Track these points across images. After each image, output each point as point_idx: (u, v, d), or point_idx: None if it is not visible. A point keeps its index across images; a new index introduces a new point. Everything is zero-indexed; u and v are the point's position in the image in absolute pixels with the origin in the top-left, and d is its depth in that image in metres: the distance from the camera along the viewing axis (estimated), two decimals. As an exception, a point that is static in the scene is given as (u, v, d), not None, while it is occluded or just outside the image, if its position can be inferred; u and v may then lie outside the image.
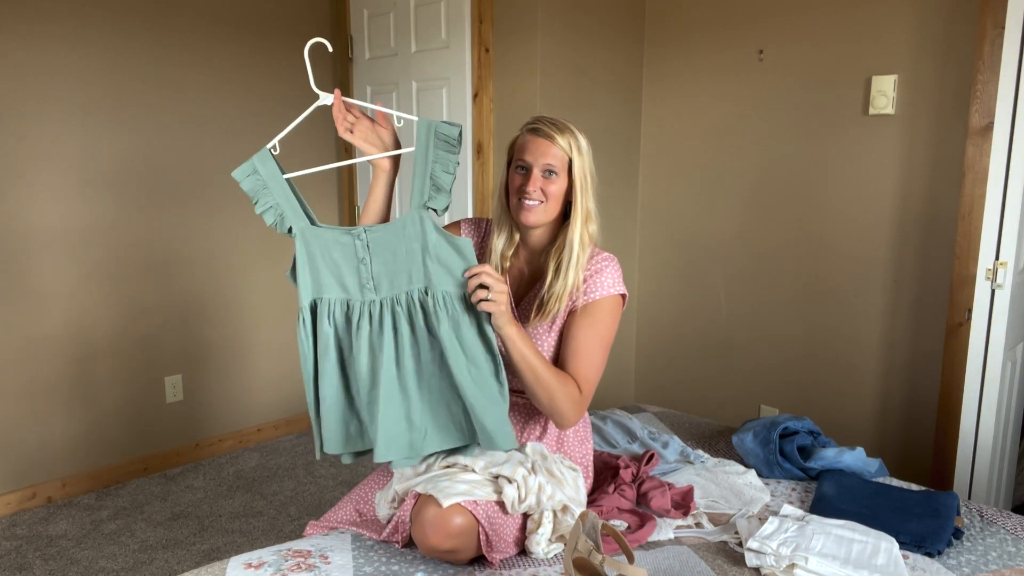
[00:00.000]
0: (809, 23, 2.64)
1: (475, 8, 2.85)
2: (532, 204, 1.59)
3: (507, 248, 1.68)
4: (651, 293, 3.25)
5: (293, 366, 3.58)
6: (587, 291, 1.62)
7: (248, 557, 1.50)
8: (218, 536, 2.67)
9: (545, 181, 1.59)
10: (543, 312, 1.61)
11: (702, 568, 1.50)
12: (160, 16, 2.96)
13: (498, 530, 1.47)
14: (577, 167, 1.60)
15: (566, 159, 1.59)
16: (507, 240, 1.68)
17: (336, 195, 3.61)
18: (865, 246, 2.60)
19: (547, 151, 1.58)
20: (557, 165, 1.59)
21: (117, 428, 3.05)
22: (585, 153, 1.62)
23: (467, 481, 1.48)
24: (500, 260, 1.67)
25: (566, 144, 1.59)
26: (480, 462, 1.52)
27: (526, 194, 1.58)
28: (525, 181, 1.59)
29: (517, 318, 1.64)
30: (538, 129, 1.60)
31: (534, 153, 1.59)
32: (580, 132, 1.64)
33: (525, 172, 1.60)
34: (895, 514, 1.67)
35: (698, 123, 3.01)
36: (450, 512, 1.41)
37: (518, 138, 1.65)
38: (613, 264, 1.66)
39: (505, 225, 1.67)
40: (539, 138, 1.60)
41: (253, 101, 3.27)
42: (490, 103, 2.88)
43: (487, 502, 1.47)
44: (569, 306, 1.63)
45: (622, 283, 1.66)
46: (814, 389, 2.79)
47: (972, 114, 2.27)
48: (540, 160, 1.58)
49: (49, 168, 2.76)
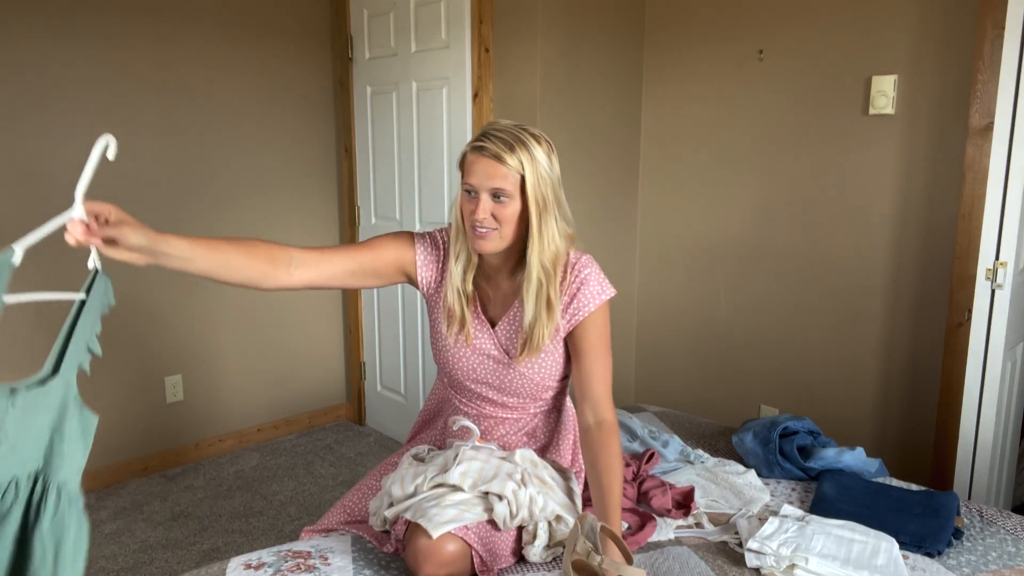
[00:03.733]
0: (809, 23, 2.64)
1: (475, 8, 2.85)
2: (484, 231, 1.44)
3: (467, 272, 1.55)
4: (651, 293, 3.25)
5: (293, 366, 3.59)
6: (579, 308, 1.54)
7: (248, 557, 1.50)
8: (218, 536, 2.67)
9: (496, 205, 1.43)
10: (530, 347, 1.53)
11: (702, 568, 1.50)
12: (160, 16, 2.96)
13: (492, 548, 1.44)
14: (531, 184, 1.42)
15: (518, 178, 1.42)
16: (466, 263, 1.54)
17: (336, 194, 3.61)
18: (865, 246, 2.60)
19: (494, 173, 1.41)
20: (508, 187, 1.41)
21: (117, 428, 3.05)
22: (541, 164, 1.43)
23: (456, 504, 1.42)
24: (461, 285, 1.54)
25: (516, 162, 1.41)
26: (468, 480, 1.46)
27: (476, 221, 1.43)
28: (474, 207, 1.43)
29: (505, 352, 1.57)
30: (483, 147, 1.42)
31: (480, 176, 1.42)
32: (536, 139, 1.45)
33: (473, 196, 1.44)
34: (895, 514, 1.67)
35: (698, 123, 3.00)
36: (441, 542, 1.36)
37: (465, 155, 1.46)
38: (592, 269, 1.56)
39: (463, 249, 1.53)
40: (484, 158, 1.41)
41: (252, 101, 3.26)
42: (490, 103, 2.88)
43: (478, 524, 1.42)
44: (564, 327, 1.56)
45: (607, 283, 1.57)
46: (814, 389, 2.79)
47: (972, 114, 2.27)
48: (487, 183, 1.42)
49: (48, 168, 2.76)
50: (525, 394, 1.61)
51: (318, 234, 3.57)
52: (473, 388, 1.63)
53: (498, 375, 1.60)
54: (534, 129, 1.48)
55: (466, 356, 1.60)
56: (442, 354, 1.63)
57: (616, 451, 1.50)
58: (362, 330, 3.66)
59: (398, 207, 3.35)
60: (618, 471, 1.47)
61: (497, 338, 1.59)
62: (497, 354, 1.59)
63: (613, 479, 1.46)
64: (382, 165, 3.39)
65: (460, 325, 1.57)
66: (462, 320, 1.57)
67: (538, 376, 1.59)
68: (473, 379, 1.62)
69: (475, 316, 1.59)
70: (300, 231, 3.50)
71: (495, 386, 1.61)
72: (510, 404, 1.63)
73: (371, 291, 3.57)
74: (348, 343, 3.74)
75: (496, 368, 1.59)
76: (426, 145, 3.15)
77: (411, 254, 1.59)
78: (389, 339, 3.51)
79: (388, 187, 3.38)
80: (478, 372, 1.61)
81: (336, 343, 3.74)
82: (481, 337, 1.59)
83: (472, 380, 1.62)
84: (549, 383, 1.61)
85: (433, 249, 1.60)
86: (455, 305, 1.56)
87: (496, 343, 1.59)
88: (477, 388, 1.63)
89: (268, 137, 3.34)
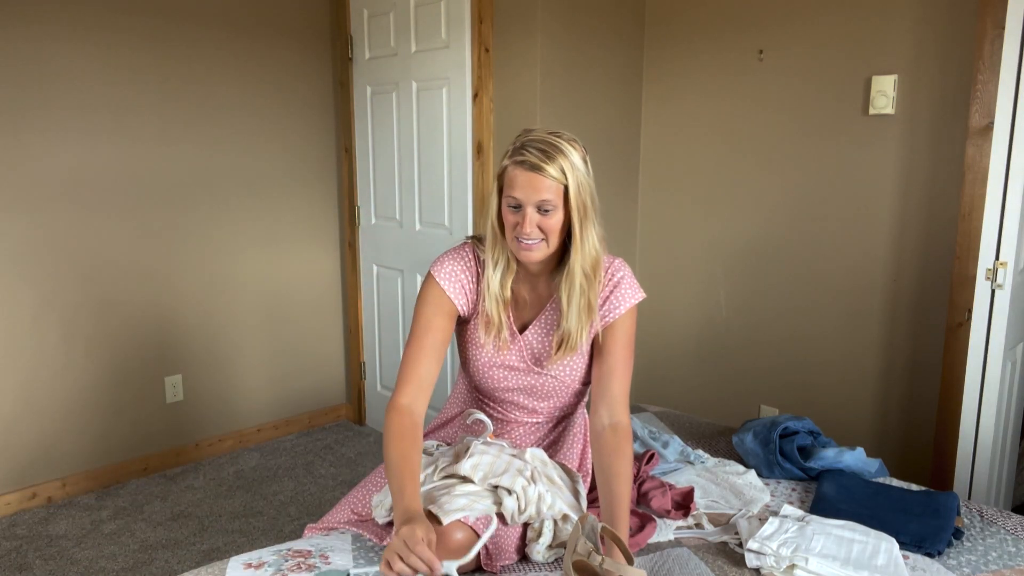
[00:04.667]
0: (809, 23, 2.64)
1: (475, 8, 2.85)
2: (532, 243, 1.47)
3: (506, 278, 1.57)
4: (651, 293, 3.25)
5: (293, 366, 3.58)
6: (611, 310, 1.57)
7: (248, 557, 1.50)
8: (218, 536, 2.67)
9: (542, 218, 1.45)
10: (566, 347, 1.55)
11: (702, 569, 1.50)
12: (159, 16, 2.96)
13: (498, 542, 1.46)
14: (573, 193, 1.44)
15: (561, 188, 1.43)
16: (504, 270, 1.56)
17: (336, 194, 3.61)
18: (865, 246, 2.60)
19: (539, 186, 1.42)
20: (552, 199, 1.43)
21: (117, 428, 3.05)
22: (580, 171, 1.45)
23: (466, 494, 1.45)
24: (500, 292, 1.56)
25: (558, 172, 1.42)
26: (479, 473, 1.49)
27: (524, 234, 1.45)
28: (520, 221, 1.45)
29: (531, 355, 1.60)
30: (525, 161, 1.42)
31: (525, 189, 1.43)
32: (572, 145, 1.46)
33: (518, 210, 1.45)
34: (895, 514, 1.67)
35: (698, 123, 3.01)
36: (450, 528, 1.38)
37: (507, 168, 1.47)
38: (626, 272, 1.60)
39: (502, 256, 1.54)
40: (528, 172, 1.42)
41: (252, 102, 3.26)
42: (490, 103, 2.88)
43: (486, 516, 1.44)
44: (593, 330, 1.58)
45: (638, 287, 1.62)
46: (814, 389, 2.79)
47: (972, 114, 2.27)
48: (533, 197, 1.43)
49: (47, 170, 2.76)
50: (556, 397, 1.65)
51: (318, 234, 3.57)
52: (504, 396, 1.67)
53: (528, 381, 1.63)
54: (567, 134, 1.48)
55: (497, 368, 1.62)
56: (477, 365, 1.64)
57: (628, 457, 1.51)
58: (362, 330, 3.66)
59: (398, 207, 3.35)
60: (628, 478, 1.48)
61: (527, 344, 1.61)
62: (525, 364, 1.61)
63: (623, 486, 1.46)
64: (382, 165, 3.39)
65: (498, 331, 1.59)
66: (499, 325, 1.58)
67: (568, 378, 1.62)
68: (504, 387, 1.65)
69: (509, 323, 1.61)
70: (300, 231, 3.50)
71: (526, 391, 1.65)
72: (540, 409, 1.67)
73: (371, 291, 3.57)
74: (348, 343, 3.74)
75: (526, 377, 1.63)
76: (426, 145, 3.15)
77: (451, 306, 1.58)
78: (389, 339, 3.51)
79: (388, 187, 3.38)
80: (509, 381, 1.64)
81: (336, 343, 3.74)
82: (511, 346, 1.61)
83: (503, 389, 1.65)
84: (576, 385, 1.65)
85: (463, 274, 1.60)
86: (493, 312, 1.57)
87: (521, 355, 1.61)
88: (508, 396, 1.66)
89: (268, 137, 3.34)
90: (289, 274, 3.50)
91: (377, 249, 3.50)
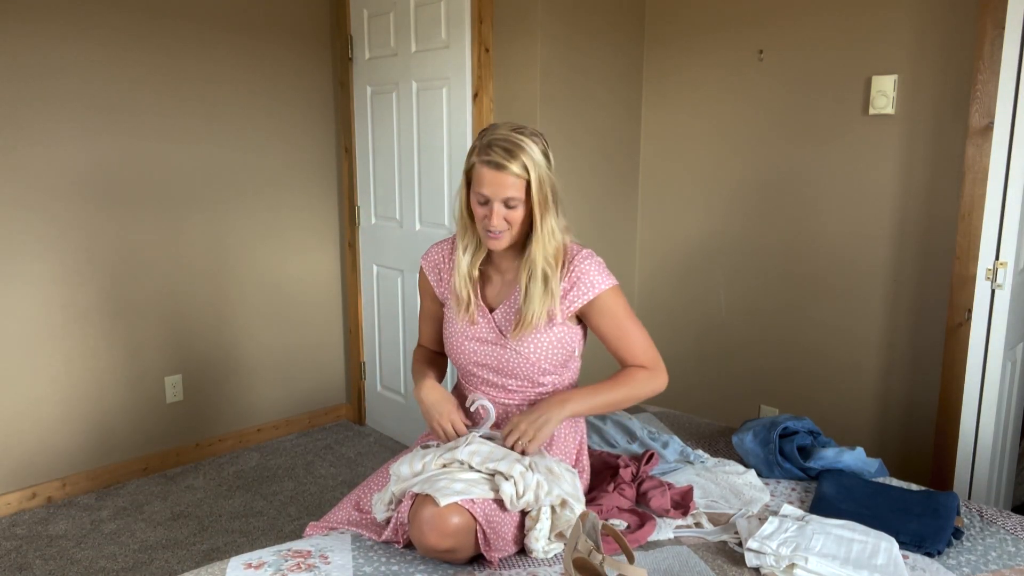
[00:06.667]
0: (809, 23, 2.64)
1: (475, 8, 2.85)
2: (498, 233, 1.62)
3: (475, 260, 1.71)
4: (651, 292, 3.25)
5: (293, 366, 3.59)
6: (578, 296, 1.66)
7: (248, 557, 1.50)
8: (218, 536, 2.67)
9: (508, 211, 1.60)
10: (523, 324, 1.65)
11: (702, 568, 1.50)
12: (160, 16, 2.96)
13: (496, 528, 1.47)
14: (535, 187, 1.58)
15: (523, 183, 1.57)
16: (473, 253, 1.71)
17: (336, 194, 3.61)
18: (865, 246, 2.60)
19: (504, 182, 1.56)
20: (516, 195, 1.58)
21: (117, 428, 3.05)
22: (541, 166, 1.59)
23: (464, 479, 1.49)
24: (468, 270, 1.70)
25: (520, 169, 1.56)
26: (477, 458, 1.53)
27: (492, 226, 1.60)
28: (488, 214, 1.60)
29: (500, 332, 1.71)
30: (491, 160, 1.56)
31: (492, 187, 1.57)
32: (534, 140, 1.59)
33: (486, 204, 1.60)
34: (895, 514, 1.67)
35: (698, 123, 3.01)
36: (447, 511, 1.41)
37: (475, 165, 1.61)
38: (592, 261, 1.68)
39: (471, 241, 1.70)
40: (494, 171, 1.56)
41: (252, 101, 3.27)
42: (490, 103, 2.88)
43: (484, 500, 1.47)
44: (564, 312, 1.67)
45: (609, 274, 1.69)
46: (814, 389, 2.79)
47: (972, 114, 2.27)
48: (499, 194, 1.57)
49: (46, 170, 2.76)
50: (522, 375, 1.71)
51: (318, 234, 3.57)
52: (476, 372, 1.75)
53: (495, 356, 1.71)
54: (528, 128, 1.61)
55: (468, 340, 1.73)
56: (450, 340, 1.77)
57: (638, 377, 1.68)
58: (362, 330, 3.66)
59: (398, 207, 3.35)
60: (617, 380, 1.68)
61: (496, 321, 1.72)
62: (493, 336, 1.71)
63: (607, 382, 1.68)
64: (382, 165, 3.39)
65: (467, 307, 1.72)
66: (468, 302, 1.71)
67: (533, 355, 1.68)
68: (474, 362, 1.74)
69: (476, 300, 1.73)
70: (300, 231, 3.50)
71: (494, 368, 1.72)
72: (510, 387, 1.73)
73: (371, 291, 3.57)
74: (348, 343, 3.74)
75: (493, 350, 1.71)
76: (426, 145, 3.15)
77: (430, 287, 1.83)
78: (389, 339, 3.51)
79: (388, 187, 3.38)
80: (478, 355, 1.73)
81: (336, 343, 3.74)
82: (480, 321, 1.72)
83: (473, 363, 1.74)
84: (545, 365, 1.70)
85: (440, 258, 1.81)
86: (461, 290, 1.71)
87: (491, 327, 1.71)
88: (479, 372, 1.75)
89: (268, 137, 3.34)
90: (289, 274, 3.50)
91: (377, 249, 3.50)
